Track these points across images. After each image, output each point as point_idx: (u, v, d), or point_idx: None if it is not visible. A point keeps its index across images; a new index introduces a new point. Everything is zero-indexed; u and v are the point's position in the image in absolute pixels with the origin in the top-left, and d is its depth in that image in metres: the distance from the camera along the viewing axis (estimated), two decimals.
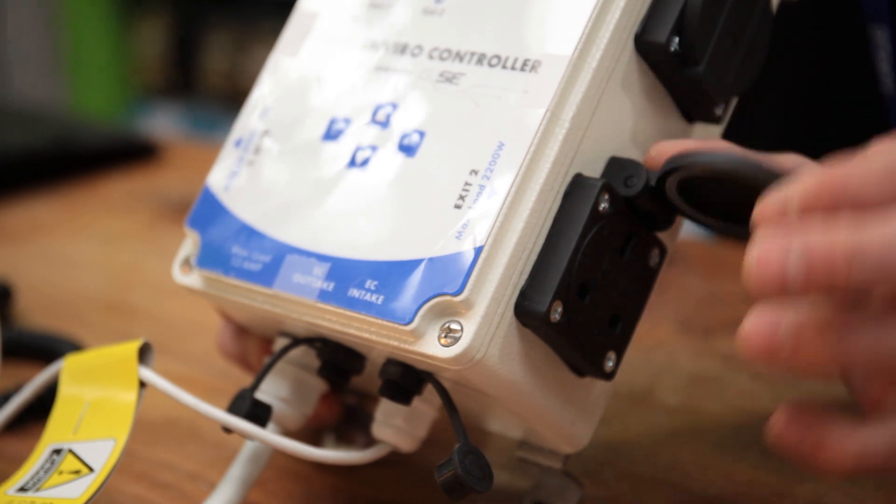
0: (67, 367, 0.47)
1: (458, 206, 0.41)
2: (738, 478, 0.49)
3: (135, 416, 0.44)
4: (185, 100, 2.40)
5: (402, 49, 0.46)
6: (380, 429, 0.45)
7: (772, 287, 0.32)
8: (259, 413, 0.44)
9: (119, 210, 0.88)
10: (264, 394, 0.46)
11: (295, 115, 0.47)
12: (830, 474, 0.33)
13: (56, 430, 0.45)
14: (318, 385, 0.47)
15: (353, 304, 0.41)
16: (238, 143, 0.48)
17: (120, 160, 0.97)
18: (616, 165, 0.42)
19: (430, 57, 0.45)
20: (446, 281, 0.40)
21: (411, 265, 0.41)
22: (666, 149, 0.41)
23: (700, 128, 0.46)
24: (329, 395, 0.50)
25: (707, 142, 0.43)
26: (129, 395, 0.45)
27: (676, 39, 0.42)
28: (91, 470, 0.43)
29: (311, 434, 0.52)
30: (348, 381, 0.45)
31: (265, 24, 2.29)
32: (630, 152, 0.43)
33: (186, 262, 0.48)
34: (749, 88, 0.45)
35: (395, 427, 0.44)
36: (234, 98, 2.34)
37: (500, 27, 0.44)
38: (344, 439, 0.53)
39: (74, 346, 0.61)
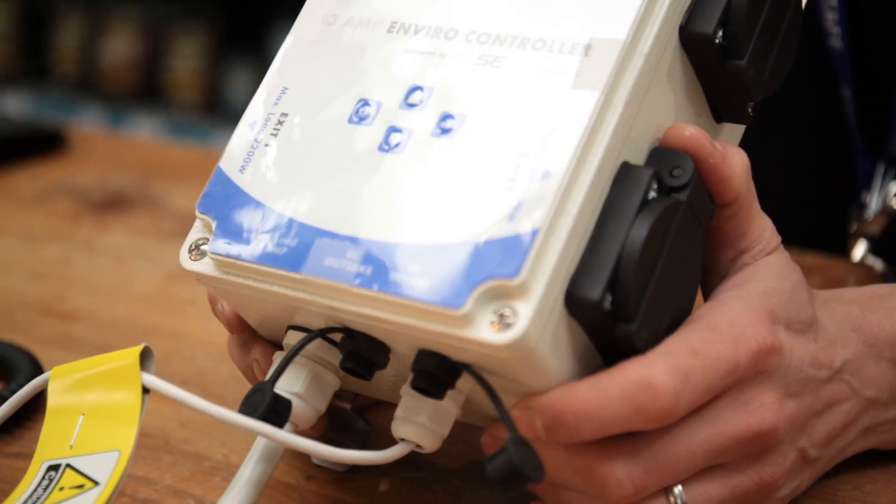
0: (56, 379, 0.44)
1: (508, 188, 0.39)
2: None
3: (140, 425, 0.41)
4: (33, 84, 2.32)
5: (435, 32, 0.44)
6: (402, 426, 0.42)
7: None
8: (279, 408, 0.42)
9: (34, 206, 0.84)
10: (278, 389, 0.43)
11: (317, 96, 0.45)
12: None
13: (49, 446, 0.42)
14: (333, 381, 0.44)
15: (396, 287, 0.39)
16: (253, 125, 0.45)
17: (25, 152, 0.92)
18: (659, 156, 0.41)
19: (468, 40, 0.43)
20: (500, 263, 0.38)
21: (458, 248, 0.39)
22: (679, 131, 0.42)
23: (727, 128, 0.45)
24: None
25: (719, 142, 0.43)
26: (132, 403, 0.42)
27: (721, 32, 0.42)
28: (95, 483, 0.40)
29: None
30: (372, 374, 0.43)
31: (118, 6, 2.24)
32: None
33: (196, 248, 0.45)
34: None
35: (420, 424, 0.42)
36: (86, 83, 2.28)
37: (540, 11, 0.43)
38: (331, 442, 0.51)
39: (27, 355, 0.58)
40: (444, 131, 0.42)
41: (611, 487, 0.41)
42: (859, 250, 0.65)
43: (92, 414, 0.42)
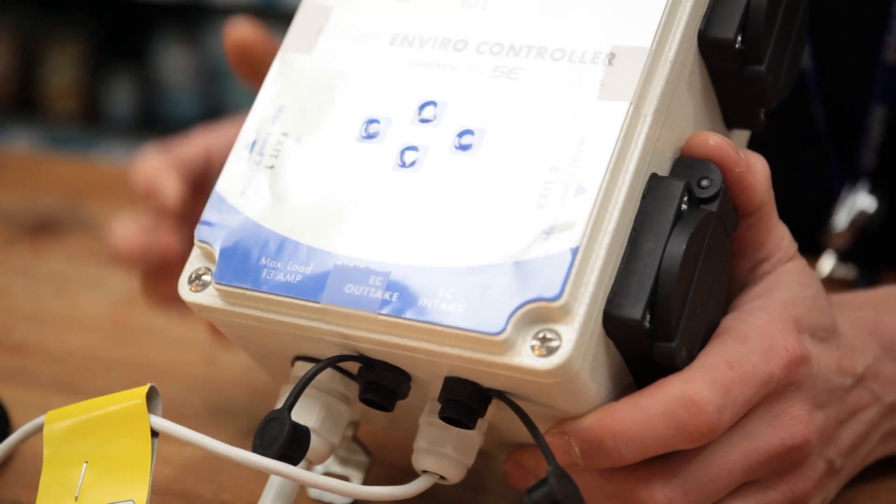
0: (52, 424, 0.41)
1: (540, 206, 0.38)
2: None
3: (152, 472, 0.39)
4: None
5: (443, 44, 0.42)
6: (424, 458, 0.40)
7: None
8: (299, 438, 0.39)
9: None
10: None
11: (319, 115, 0.42)
12: None
13: (51, 498, 0.39)
14: (346, 412, 0.42)
15: (427, 314, 0.37)
16: (252, 147, 0.42)
17: None
18: (685, 166, 0.40)
19: (479, 52, 0.41)
20: (541, 285, 0.36)
21: (492, 270, 0.37)
22: (703, 140, 0.41)
23: (735, 134, 0.45)
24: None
25: (742, 150, 0.42)
26: (141, 449, 0.39)
27: (740, 37, 0.41)
28: None
29: None
30: (394, 405, 0.40)
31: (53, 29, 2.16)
32: None
33: (197, 278, 0.42)
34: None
35: (444, 455, 0.40)
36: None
37: (556, 19, 0.41)
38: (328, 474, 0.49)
39: None
40: (464, 147, 0.40)
41: None
42: (827, 264, 0.65)
43: (96, 462, 0.39)
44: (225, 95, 2.06)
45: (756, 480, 0.41)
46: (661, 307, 0.38)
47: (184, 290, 0.42)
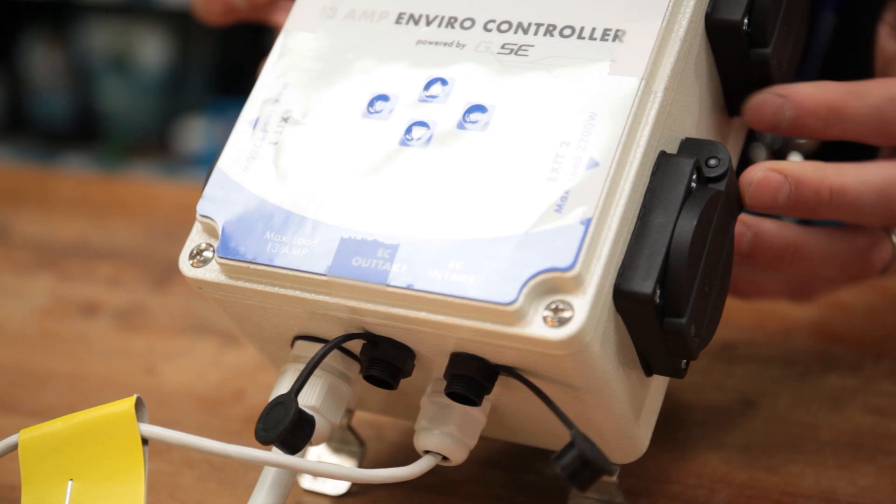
0: (26, 445, 0.39)
1: (551, 179, 0.38)
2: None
3: (146, 480, 0.37)
4: None
5: (450, 22, 0.42)
6: (427, 437, 0.40)
7: (763, 206, 0.42)
8: (303, 424, 0.38)
9: None
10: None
11: (323, 92, 0.42)
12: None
13: None
14: (347, 391, 0.41)
15: (439, 285, 0.37)
16: (255, 123, 0.42)
17: None
18: (692, 146, 0.40)
19: (487, 29, 0.42)
20: (553, 255, 0.36)
21: (503, 242, 0.37)
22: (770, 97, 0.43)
23: (737, 123, 0.45)
24: None
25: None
26: (132, 458, 0.38)
27: (747, 19, 0.41)
28: None
29: None
30: (398, 382, 0.40)
31: None
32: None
33: (198, 254, 0.41)
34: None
35: (448, 434, 0.40)
36: None
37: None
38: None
39: None
40: (473, 123, 0.40)
41: None
42: None
43: (83, 477, 0.38)
44: (95, 95, 2.01)
45: None
46: (672, 283, 0.38)
47: (184, 265, 0.41)
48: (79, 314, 0.64)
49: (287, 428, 0.37)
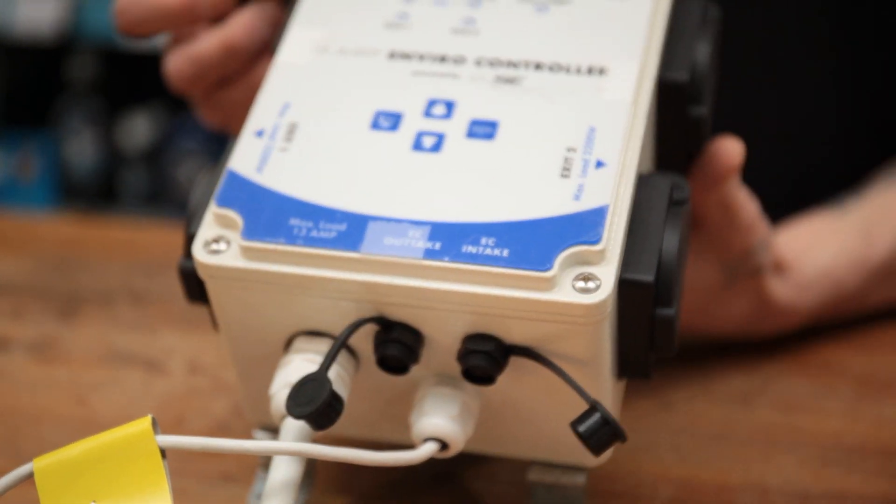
0: (42, 472, 0.39)
1: (564, 176, 0.41)
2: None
3: (170, 489, 0.38)
4: None
5: (442, 59, 0.45)
6: (429, 422, 0.41)
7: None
8: (334, 403, 0.39)
9: None
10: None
11: (327, 109, 0.44)
12: None
13: None
14: (346, 391, 0.42)
15: (475, 258, 0.39)
16: (260, 134, 0.44)
17: None
18: (653, 179, 0.43)
19: (479, 64, 0.45)
20: (582, 231, 0.40)
21: (531, 224, 0.40)
22: None
23: None
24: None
25: None
26: (153, 470, 0.38)
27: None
28: None
29: None
30: (409, 366, 0.42)
31: None
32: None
33: (214, 242, 0.41)
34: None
35: (451, 419, 0.41)
36: None
37: (549, 42, 0.45)
38: None
39: None
40: (478, 135, 0.43)
41: None
42: None
43: (106, 497, 0.38)
44: None
45: None
46: (666, 274, 0.41)
47: (200, 253, 0.41)
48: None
49: (323, 403, 0.38)
